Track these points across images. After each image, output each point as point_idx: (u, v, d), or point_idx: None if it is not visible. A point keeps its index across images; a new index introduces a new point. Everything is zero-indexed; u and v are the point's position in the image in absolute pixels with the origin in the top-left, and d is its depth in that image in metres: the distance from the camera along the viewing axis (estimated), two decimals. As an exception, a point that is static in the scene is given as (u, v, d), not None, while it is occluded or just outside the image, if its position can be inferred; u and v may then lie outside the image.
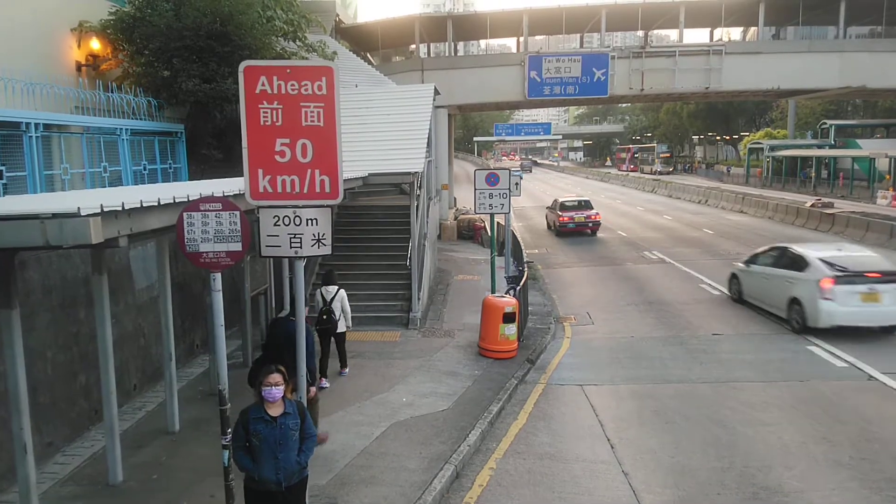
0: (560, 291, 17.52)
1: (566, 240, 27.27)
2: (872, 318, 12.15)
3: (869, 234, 23.14)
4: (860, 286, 12.02)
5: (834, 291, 11.99)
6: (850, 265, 12.44)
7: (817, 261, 12.66)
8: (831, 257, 12.72)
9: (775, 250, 14.57)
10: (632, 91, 26.00)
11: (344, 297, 10.27)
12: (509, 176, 12.16)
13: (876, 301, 11.97)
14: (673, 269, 19.96)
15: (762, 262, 14.66)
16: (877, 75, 24.75)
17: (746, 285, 15.07)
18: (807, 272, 12.67)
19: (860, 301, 12.00)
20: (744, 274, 15.24)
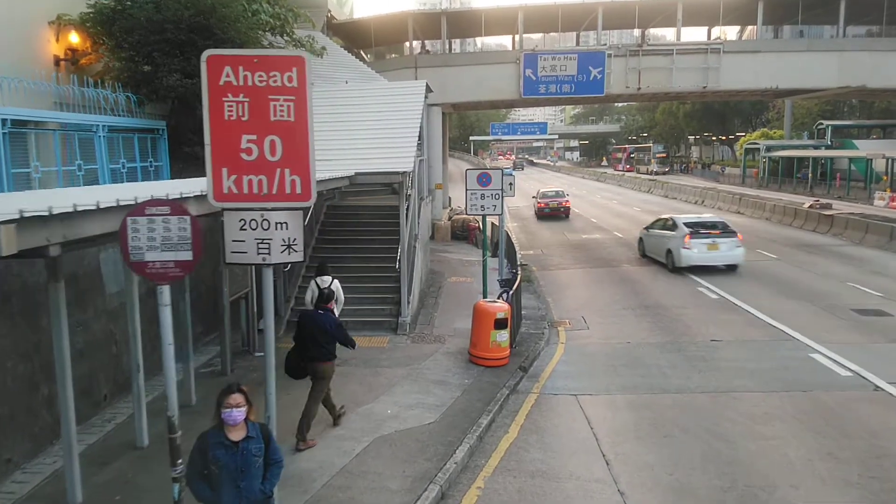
0: (555, 294, 17.06)
1: (560, 240, 26.83)
2: (714, 260, 18.44)
3: (868, 236, 22.75)
4: (707, 240, 18.26)
5: (690, 243, 18.17)
6: (700, 227, 18.60)
7: (682, 224, 18.84)
8: (690, 221, 19.03)
9: (660, 220, 20.81)
10: (628, 90, 25.56)
11: (338, 285, 10.28)
12: (501, 176, 11.69)
13: (716, 249, 18.38)
14: (670, 272, 19.51)
15: (654, 227, 20.83)
16: (876, 75, 24.35)
17: (646, 244, 21.09)
18: (676, 232, 18.82)
19: (706, 249, 18.29)
20: (645, 236, 21.38)
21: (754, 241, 24.78)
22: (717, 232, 18.47)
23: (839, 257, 20.87)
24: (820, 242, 23.95)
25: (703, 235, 18.31)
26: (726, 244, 18.37)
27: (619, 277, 18.97)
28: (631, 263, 21.10)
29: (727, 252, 18.31)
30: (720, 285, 17.18)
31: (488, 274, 14.87)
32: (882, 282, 17.08)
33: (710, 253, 18.24)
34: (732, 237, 18.58)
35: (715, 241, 18.31)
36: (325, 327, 7.71)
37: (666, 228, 19.72)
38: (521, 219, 35.69)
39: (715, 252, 18.28)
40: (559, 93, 25.75)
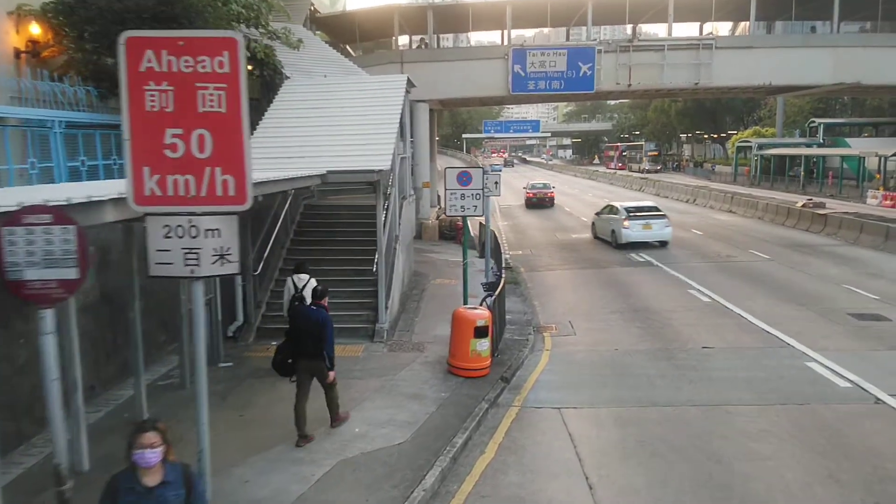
0: (542, 297, 16.43)
1: (550, 240, 26.22)
2: (647, 237, 22.29)
3: (863, 236, 22.23)
4: (642, 220, 22.25)
5: (629, 224, 22.07)
6: (639, 210, 22.77)
7: (623, 209, 23.01)
8: (630, 206, 23.22)
9: (607, 206, 24.90)
10: (619, 87, 24.94)
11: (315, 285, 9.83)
12: (483, 175, 11.02)
13: (650, 229, 22.29)
14: (660, 273, 18.92)
15: (602, 213, 24.87)
16: (871, 71, 23.82)
17: (597, 227, 25.15)
18: (618, 215, 22.82)
19: (642, 229, 22.22)
20: (596, 220, 25.42)
21: (746, 240, 24.25)
22: (650, 215, 22.67)
23: (834, 258, 20.33)
24: (814, 242, 23.42)
25: (639, 218, 22.41)
26: (658, 224, 22.40)
27: (608, 279, 18.36)
28: (620, 265, 20.50)
29: (658, 231, 22.37)
30: (712, 287, 16.59)
31: (474, 277, 14.26)
32: (878, 284, 16.53)
33: (644, 231, 22.31)
34: (663, 219, 22.59)
35: (648, 222, 22.42)
36: (321, 322, 7.76)
37: (611, 213, 23.73)
38: (511, 217, 35.10)
39: (649, 231, 22.31)
40: (548, 89, 25.10)
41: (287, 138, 12.61)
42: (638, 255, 22.02)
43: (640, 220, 22.26)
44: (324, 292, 8.17)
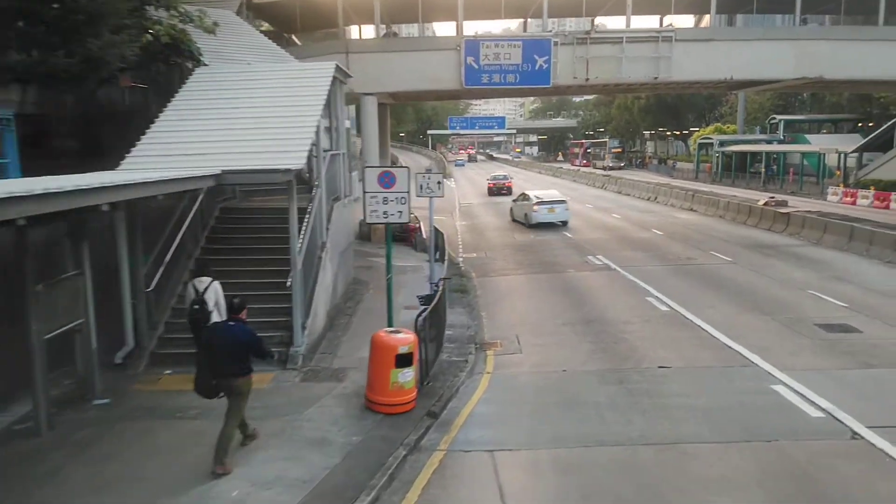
0: (491, 307, 15.03)
1: (508, 241, 24.90)
2: (552, 218, 27.01)
3: (827, 236, 21.36)
4: (547, 206, 27.15)
5: (537, 209, 26.87)
6: (545, 197, 27.94)
7: (533, 196, 28.11)
8: (539, 194, 28.34)
9: (522, 195, 29.88)
10: (576, 80, 23.70)
11: (218, 288, 9.40)
12: (409, 175, 9.49)
13: (553, 212, 27.10)
14: (618, 278, 17.70)
15: (518, 200, 29.81)
16: (834, 65, 23.03)
17: (514, 212, 29.83)
18: (530, 201, 27.64)
19: (547, 212, 27.02)
20: (513, 206, 30.28)
21: (707, 241, 23.25)
22: (554, 201, 27.95)
23: (797, 260, 19.38)
24: (776, 243, 22.51)
25: (545, 204, 27.56)
26: (559, 208, 27.66)
27: (564, 285, 17.06)
28: (578, 268, 19.24)
29: (560, 214, 27.64)
30: (671, 294, 15.41)
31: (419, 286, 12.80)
32: (845, 289, 15.55)
33: (549, 214, 27.41)
34: (563, 204, 27.97)
35: (552, 206, 27.57)
36: (241, 339, 7.17)
37: (525, 200, 28.83)
38: (470, 216, 33.73)
39: (553, 213, 27.47)
40: (503, 83, 23.71)
41: (189, 132, 10.95)
42: (596, 257, 20.82)
43: (546, 206, 27.43)
44: (242, 305, 7.39)
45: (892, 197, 34.24)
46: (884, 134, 38.40)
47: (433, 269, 14.94)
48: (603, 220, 30.87)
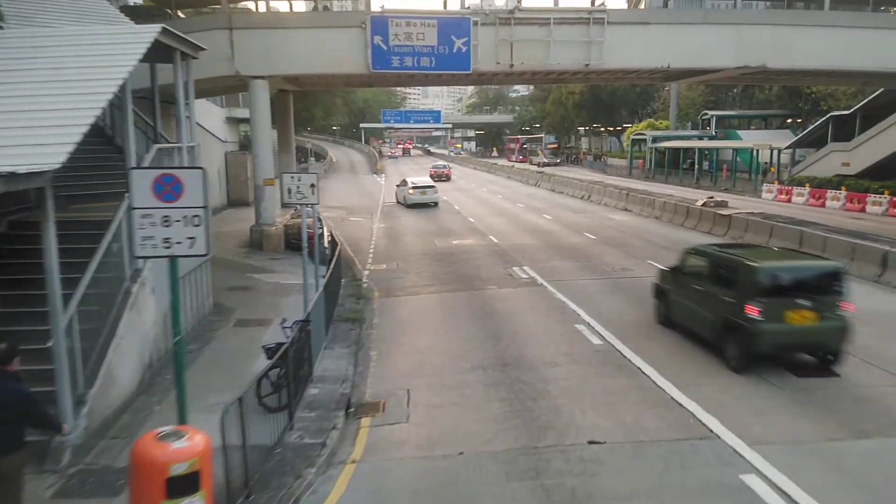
0: (386, 343, 11.79)
1: (427, 248, 21.71)
2: (424, 199, 33.03)
3: (774, 241, 19.10)
4: (421, 189, 33.64)
5: (412, 192, 33.16)
6: (419, 182, 35.10)
7: (410, 182, 35.00)
8: (414, 180, 35.67)
9: (402, 181, 36.50)
10: (500, 66, 20.72)
11: None
12: (204, 179, 6.04)
13: (425, 195, 33.31)
14: (545, 297, 14.79)
15: (400, 185, 35.93)
16: (778, 53, 20.93)
17: (397, 195, 35.60)
18: (407, 186, 33.93)
19: (420, 195, 33.22)
20: (397, 190, 36.23)
21: (644, 247, 20.71)
22: (428, 185, 34.85)
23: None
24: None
25: (419, 188, 33.91)
26: (430, 192, 33.75)
27: (481, 308, 14.00)
28: (500, 284, 16.24)
29: (430, 197, 33.48)
30: (605, 319, 12.59)
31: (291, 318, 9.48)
32: (804, 310, 13.10)
33: (422, 196, 33.21)
34: (433, 188, 34.51)
35: (424, 191, 33.81)
36: (21, 400, 5.47)
37: (404, 185, 34.99)
38: (391, 218, 30.40)
39: (425, 196, 33.27)
40: (417, 67, 20.51)
41: None
42: (522, 269, 17.89)
43: (420, 189, 33.83)
44: (11, 352, 5.51)
45: (828, 195, 33.01)
46: (817, 130, 37.28)
47: (306, 298, 11.59)
48: (533, 222, 28.11)
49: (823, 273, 10.04)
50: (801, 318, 9.44)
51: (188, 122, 12.27)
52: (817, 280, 9.87)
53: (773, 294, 9.61)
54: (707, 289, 10.65)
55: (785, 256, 11.65)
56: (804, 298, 9.51)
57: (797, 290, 9.67)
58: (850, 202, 31.57)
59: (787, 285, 9.81)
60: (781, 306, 9.43)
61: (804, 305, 9.46)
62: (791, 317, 9.44)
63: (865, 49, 20.93)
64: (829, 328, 9.59)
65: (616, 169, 62.99)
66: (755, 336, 9.40)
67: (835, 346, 9.72)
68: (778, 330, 9.43)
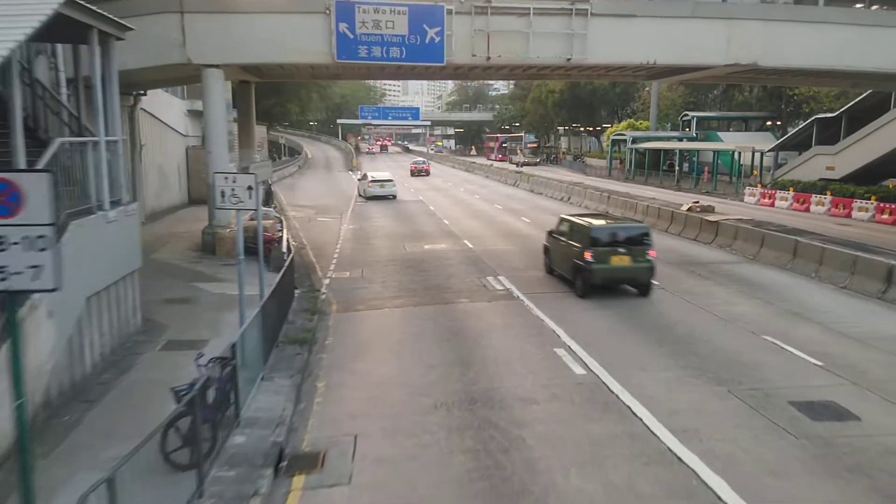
0: (336, 372, 10.14)
1: (396, 253, 20.07)
2: (383, 192, 35.51)
3: (765, 252, 17.81)
4: (380, 183, 36.11)
5: (371, 185, 35.84)
6: (378, 177, 37.13)
7: (370, 175, 37.68)
8: (374, 175, 37.92)
9: (364, 175, 39.06)
10: (476, 58, 19.15)
11: None
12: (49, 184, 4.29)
13: (384, 188, 35.83)
14: (521, 313, 13.25)
15: (362, 180, 38.13)
16: (771, 50, 19.68)
17: (359, 188, 37.85)
18: (367, 180, 36.93)
19: (379, 188, 35.73)
20: (359, 184, 38.60)
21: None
22: (385, 179, 36.68)
23: (737, 283, 15.61)
24: (707, 258, 18.83)
25: (378, 182, 36.01)
26: (388, 185, 35.91)
27: (452, 326, 12.41)
28: (473, 297, 14.67)
29: (389, 190, 35.63)
30: (588, 342, 11.08)
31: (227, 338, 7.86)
32: (809, 333, 11.74)
33: (381, 189, 35.45)
34: (391, 182, 36.39)
35: (383, 184, 35.83)
36: None
37: (365, 179, 37.19)
38: (363, 218, 28.70)
39: (383, 189, 35.48)
40: (386, 58, 18.86)
41: None
42: (497, 279, 16.35)
43: (378, 183, 36.06)
44: None
45: (813, 199, 32.03)
46: (801, 133, 36.33)
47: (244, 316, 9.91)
48: (511, 225, 26.58)
49: (637, 232, 14.51)
50: (620, 261, 13.89)
51: (109, 113, 10.46)
52: (632, 236, 14.23)
53: (602, 245, 13.88)
54: (567, 244, 15.01)
55: (613, 220, 16.72)
56: (623, 248, 13.91)
57: (618, 243, 13.99)
58: (836, 207, 30.60)
59: (611, 240, 14.05)
60: (607, 253, 13.84)
61: (622, 252, 13.88)
62: (614, 260, 13.88)
63: (861, 48, 19.71)
64: (639, 268, 13.99)
65: (595, 169, 61.86)
66: (591, 273, 13.82)
67: (644, 281, 14.19)
68: (605, 268, 13.86)
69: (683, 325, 12.29)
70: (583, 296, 14.02)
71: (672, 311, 13.34)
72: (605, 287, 14.18)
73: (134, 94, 23.67)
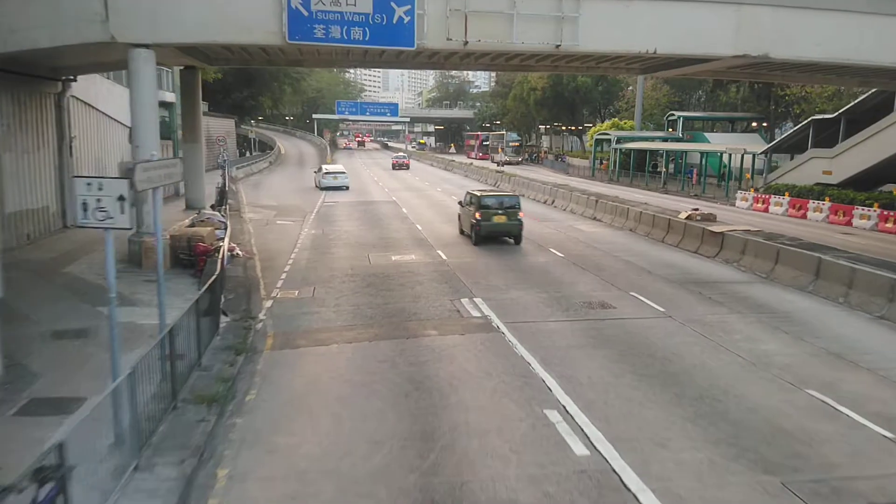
0: (250, 448, 7.39)
1: (358, 265, 17.32)
2: (336, 183, 38.50)
3: (780, 269, 15.39)
4: (333, 175, 39.31)
5: (325, 177, 39.02)
6: (331, 169, 40.72)
7: (323, 168, 41.56)
8: (328, 167, 41.67)
9: (320, 168, 42.51)
10: (451, 43, 16.46)
11: None
12: None
13: (337, 179, 38.93)
14: (501, 352, 10.59)
15: (317, 172, 41.41)
16: (782, 41, 17.28)
17: (315, 180, 40.73)
18: (321, 172, 40.28)
19: (333, 180, 38.75)
20: (315, 176, 41.65)
21: (624, 271, 16.73)
22: (339, 171, 39.98)
23: (756, 311, 13.10)
24: (714, 276, 16.35)
25: (331, 174, 39.07)
26: (342, 177, 38.94)
27: (412, 372, 9.71)
28: (444, 327, 11.99)
29: (342, 181, 38.49)
30: (586, 397, 8.48)
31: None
32: (860, 384, 9.27)
33: (334, 181, 38.23)
34: (344, 174, 39.63)
35: (336, 176, 38.82)
36: None
37: (319, 172, 40.25)
38: (328, 221, 25.88)
39: (336, 180, 38.30)
40: (345, 39, 16.09)
41: None
42: (474, 300, 13.70)
43: (332, 175, 38.62)
44: None
45: (810, 205, 29.90)
46: (796, 135, 34.25)
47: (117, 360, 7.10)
48: (490, 231, 23.90)
49: (512, 201, 20.54)
50: (500, 219, 19.71)
51: None
52: (508, 203, 20.29)
53: (487, 208, 19.76)
54: (467, 209, 21.00)
55: (497, 192, 24.09)
56: (501, 210, 19.81)
57: (498, 207, 19.92)
58: (834, 214, 28.50)
59: (493, 205, 19.98)
60: (491, 214, 19.70)
61: (500, 213, 19.74)
62: (495, 219, 19.70)
63: (881, 40, 17.42)
64: (513, 224, 19.85)
65: (578, 169, 59.59)
66: (480, 227, 19.80)
67: (515, 233, 20.10)
68: (489, 224, 19.75)
69: (703, 372, 9.74)
70: (476, 244, 20.05)
71: (686, 348, 10.79)
72: (491, 237, 20.23)
73: (62, 80, 20.60)
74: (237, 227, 22.90)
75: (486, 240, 19.93)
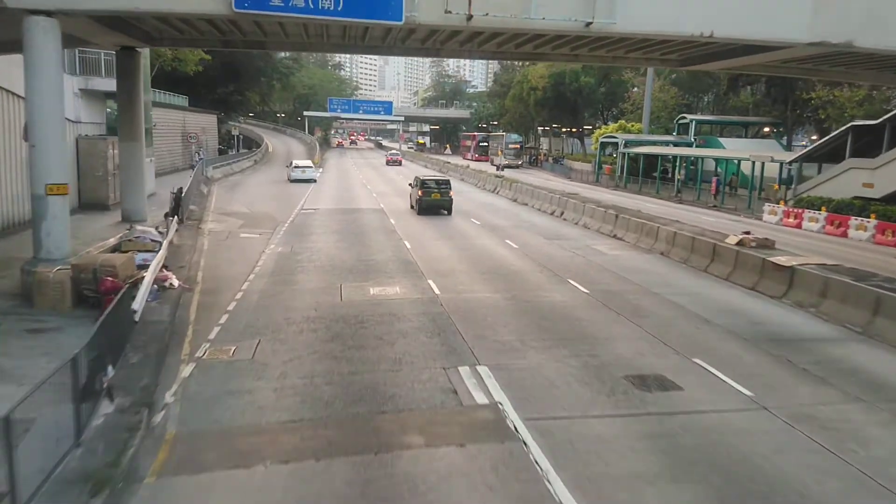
0: None
1: (324, 303, 13.18)
2: (304, 176, 41.15)
3: (884, 324, 11.33)
4: (300, 168, 42.30)
5: (294, 170, 41.93)
6: (300, 164, 43.87)
7: (294, 162, 44.65)
8: (297, 161, 45.74)
9: (290, 162, 45.85)
10: (451, 16, 12.41)
11: None
12: None
13: (304, 173, 41.67)
14: (523, 486, 6.44)
15: (288, 167, 44.27)
16: (874, 25, 13.33)
17: (287, 173, 43.25)
18: (291, 166, 43.35)
19: (301, 173, 41.50)
20: (286, 170, 43.96)
21: (672, 319, 12.49)
22: (307, 165, 43.73)
23: (874, 392, 9.05)
24: (793, 329, 12.22)
25: (300, 168, 42.23)
26: (310, 170, 42.43)
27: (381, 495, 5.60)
28: (431, 429, 7.85)
29: (311, 175, 41.71)
30: None
31: None
32: None
33: (302, 174, 41.15)
34: (312, 168, 43.68)
35: (304, 170, 42.00)
36: None
37: (289, 166, 43.50)
38: (301, 235, 21.72)
39: (304, 174, 41.31)
40: (311, 9, 11.99)
41: None
42: (476, 369, 9.58)
43: (300, 169, 42.03)
44: None
45: (852, 222, 25.99)
46: (832, 142, 30.29)
47: None
48: (493, 252, 19.77)
49: (444, 181, 28.93)
50: (435, 196, 27.39)
51: None
52: (441, 183, 28.26)
53: (426, 187, 27.52)
54: (415, 188, 28.35)
55: (435, 177, 32.08)
56: (436, 188, 27.65)
57: (434, 186, 27.81)
58: (881, 233, 24.59)
59: (431, 185, 27.89)
60: (429, 191, 27.34)
61: (436, 191, 27.46)
62: (432, 195, 27.33)
63: None
64: (445, 200, 27.50)
65: (580, 174, 55.58)
66: (420, 201, 27.26)
67: (447, 207, 27.50)
68: (428, 199, 27.24)
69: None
70: (419, 213, 27.22)
71: (813, 479, 6.71)
72: (429, 210, 27.25)
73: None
74: (188, 244, 18.70)
75: (426, 211, 27.24)
